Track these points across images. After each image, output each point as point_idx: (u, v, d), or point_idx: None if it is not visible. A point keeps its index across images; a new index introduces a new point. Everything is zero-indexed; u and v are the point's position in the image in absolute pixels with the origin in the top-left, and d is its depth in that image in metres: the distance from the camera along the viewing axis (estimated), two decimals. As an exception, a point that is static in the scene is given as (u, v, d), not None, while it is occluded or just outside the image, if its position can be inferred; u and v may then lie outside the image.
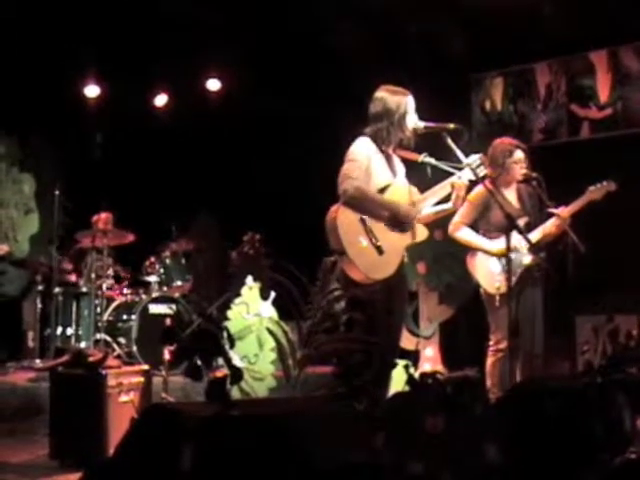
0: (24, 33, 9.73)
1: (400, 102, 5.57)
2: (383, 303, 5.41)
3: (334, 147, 5.66)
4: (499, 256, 6.32)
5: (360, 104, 5.69)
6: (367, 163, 5.43)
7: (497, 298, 6.33)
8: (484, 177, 5.69)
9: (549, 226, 6.53)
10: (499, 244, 6.25)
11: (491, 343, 6.53)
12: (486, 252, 6.50)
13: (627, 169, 7.81)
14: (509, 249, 5.48)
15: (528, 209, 6.65)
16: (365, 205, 5.36)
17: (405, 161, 5.75)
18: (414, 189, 5.64)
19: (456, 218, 6.55)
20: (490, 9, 9.01)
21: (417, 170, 5.72)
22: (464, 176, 5.56)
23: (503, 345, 6.32)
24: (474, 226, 6.63)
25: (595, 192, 6.60)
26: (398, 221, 5.45)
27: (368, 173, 5.43)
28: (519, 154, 6.63)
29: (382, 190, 5.48)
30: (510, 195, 6.67)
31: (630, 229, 8.48)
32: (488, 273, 6.47)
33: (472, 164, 5.53)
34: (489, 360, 6.52)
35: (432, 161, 5.58)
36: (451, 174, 5.58)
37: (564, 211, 6.51)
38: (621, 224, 8.36)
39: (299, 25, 10.05)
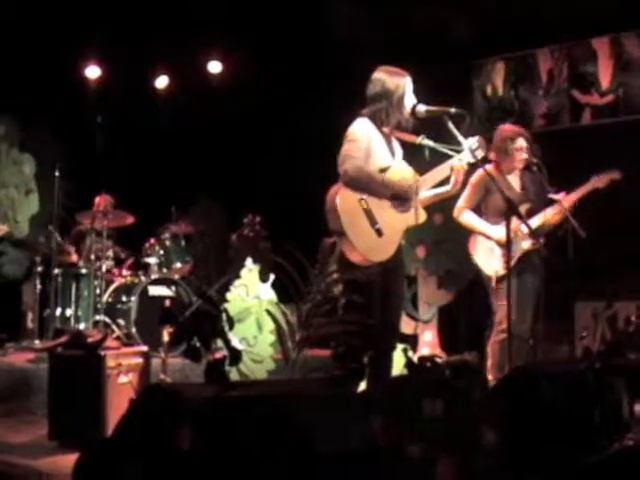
0: (25, 13, 9.71)
1: (399, 83, 5.57)
2: (381, 285, 5.41)
3: (335, 129, 5.66)
4: (501, 243, 6.33)
5: (361, 87, 5.68)
6: (367, 143, 5.43)
7: (493, 281, 6.37)
8: (483, 159, 5.69)
9: (550, 213, 6.54)
10: (501, 231, 6.26)
11: (495, 323, 6.55)
12: (488, 238, 6.52)
13: (628, 155, 7.81)
14: (509, 234, 5.49)
15: (531, 195, 6.67)
16: (366, 184, 5.36)
17: (402, 143, 5.74)
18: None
19: (460, 202, 6.59)
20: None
21: (414, 152, 5.72)
22: (464, 159, 5.56)
23: (502, 326, 6.34)
24: (477, 209, 6.65)
25: (599, 181, 6.61)
26: (398, 198, 5.45)
27: (368, 153, 5.42)
28: (521, 142, 6.64)
29: (382, 171, 5.47)
30: (513, 181, 6.69)
31: (630, 215, 8.48)
32: (487, 255, 6.51)
33: (471, 146, 5.52)
34: (491, 339, 6.54)
35: (430, 143, 5.57)
36: (449, 156, 5.57)
37: (567, 199, 6.52)
38: (621, 210, 8.36)
39: (301, 7, 10.02)
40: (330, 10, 9.68)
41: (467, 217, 6.65)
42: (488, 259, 6.51)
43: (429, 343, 9.27)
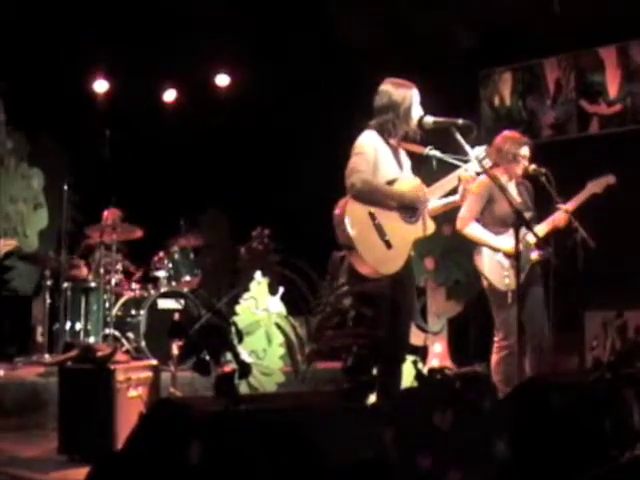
0: (33, 27, 9.75)
1: (405, 95, 5.57)
2: (391, 297, 5.40)
3: (344, 141, 5.66)
4: (510, 254, 6.26)
5: (369, 99, 5.68)
6: (374, 155, 5.42)
7: (509, 295, 6.25)
8: (491, 168, 5.66)
9: (557, 219, 6.50)
10: (508, 241, 6.21)
11: (496, 340, 6.48)
12: (496, 249, 6.44)
13: (636, 165, 7.81)
14: (518, 244, 5.46)
15: (528, 204, 6.63)
16: (373, 197, 5.35)
17: (410, 154, 5.74)
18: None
19: (463, 213, 6.46)
20: (499, 4, 9.01)
21: (422, 163, 5.72)
22: (471, 168, 5.54)
23: (508, 342, 6.30)
24: (477, 218, 6.57)
25: (595, 186, 6.61)
26: (407, 209, 5.44)
27: (375, 166, 5.41)
28: (526, 150, 6.61)
29: (389, 183, 5.46)
30: (511, 189, 6.62)
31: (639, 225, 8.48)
32: (497, 269, 6.40)
33: (478, 156, 5.51)
34: (494, 358, 6.47)
35: (437, 154, 5.56)
36: (457, 167, 5.56)
37: (567, 208, 6.50)
38: (631, 220, 8.36)
39: (308, 20, 10.05)
40: (337, 22, 9.70)
41: (473, 229, 6.52)
42: (498, 273, 6.41)
43: (439, 355, 9.27)
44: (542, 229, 6.45)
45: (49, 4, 9.69)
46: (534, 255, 6.44)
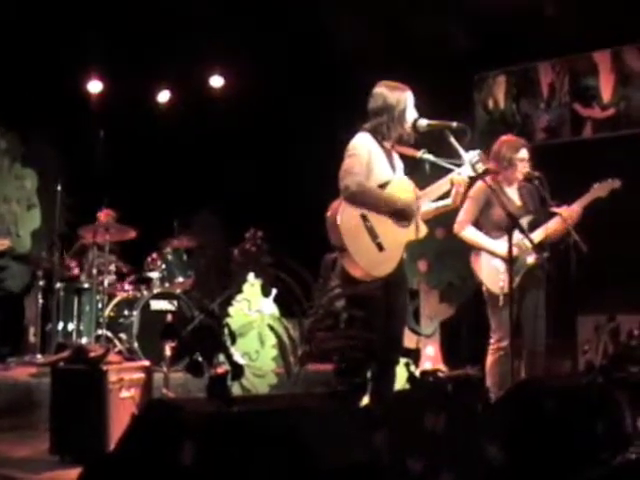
0: (27, 28, 9.73)
1: (400, 97, 5.57)
2: (383, 300, 5.40)
3: (337, 143, 5.65)
4: (506, 258, 6.25)
5: (363, 101, 5.68)
6: (368, 158, 5.43)
7: (501, 298, 6.28)
8: (484, 173, 5.66)
9: (552, 226, 6.50)
10: (505, 245, 6.21)
11: (491, 342, 6.50)
12: (492, 253, 6.44)
13: (630, 169, 7.81)
14: (511, 248, 5.47)
15: (530, 208, 6.63)
16: (366, 200, 5.35)
17: (403, 157, 5.74)
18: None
19: (460, 216, 6.49)
20: (494, 8, 9.01)
21: (415, 166, 5.72)
22: (464, 172, 5.54)
23: (503, 344, 6.31)
24: (475, 223, 6.59)
25: (600, 189, 6.60)
26: (399, 215, 5.45)
27: (369, 168, 5.42)
28: (524, 153, 6.61)
29: (382, 186, 5.46)
30: (512, 193, 6.64)
31: (632, 229, 8.48)
32: (493, 272, 6.40)
33: (471, 160, 5.51)
34: (489, 359, 6.50)
35: (431, 157, 5.56)
36: (450, 170, 5.57)
37: (569, 209, 6.49)
38: (623, 224, 8.36)
39: (302, 22, 10.05)
40: (332, 25, 9.70)
41: (470, 232, 6.54)
42: (494, 276, 6.42)
43: (431, 357, 9.26)
44: (539, 234, 6.45)
45: (43, 5, 9.67)
46: (530, 259, 6.44)
